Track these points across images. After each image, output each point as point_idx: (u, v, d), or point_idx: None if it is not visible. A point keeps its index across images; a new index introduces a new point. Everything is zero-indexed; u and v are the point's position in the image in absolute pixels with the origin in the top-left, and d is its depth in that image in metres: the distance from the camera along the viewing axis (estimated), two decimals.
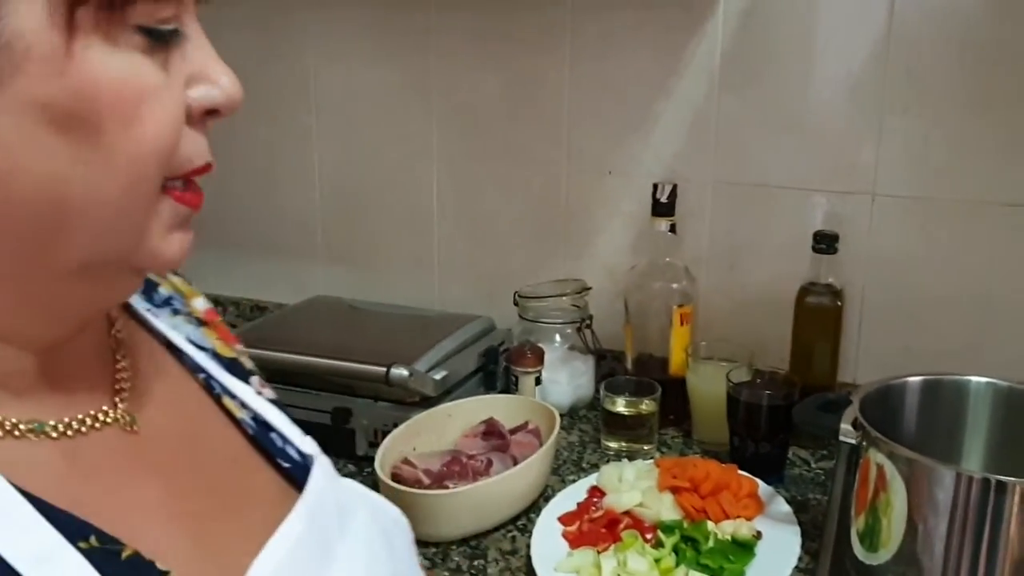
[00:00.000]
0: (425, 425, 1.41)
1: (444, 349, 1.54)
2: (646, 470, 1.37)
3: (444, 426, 1.44)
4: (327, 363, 1.43)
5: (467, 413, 1.46)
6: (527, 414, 1.46)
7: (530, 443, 1.41)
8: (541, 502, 1.36)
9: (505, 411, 1.46)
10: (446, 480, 1.29)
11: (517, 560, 1.24)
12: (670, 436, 1.57)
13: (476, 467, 1.32)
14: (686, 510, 1.29)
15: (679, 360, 1.57)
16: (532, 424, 1.44)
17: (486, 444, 1.41)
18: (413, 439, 1.39)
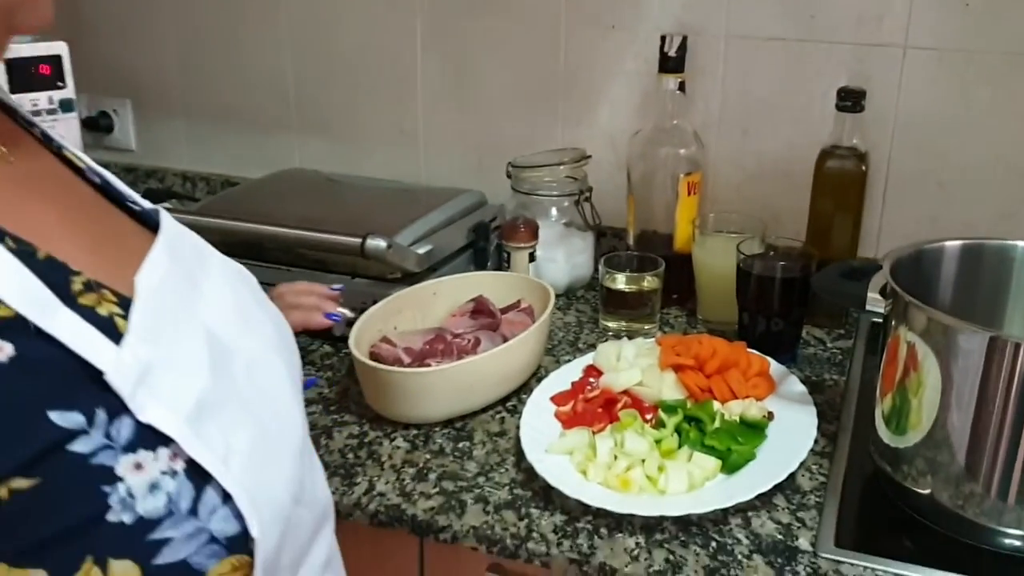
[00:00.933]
0: (407, 302, 1.29)
1: (429, 223, 1.41)
2: (647, 348, 1.26)
3: (428, 304, 1.32)
4: (296, 234, 1.30)
5: (454, 291, 1.33)
6: (519, 292, 1.34)
7: (522, 322, 1.29)
8: (533, 383, 1.25)
9: (496, 289, 1.34)
10: (428, 359, 1.18)
11: (505, 442, 1.13)
12: (673, 315, 1.45)
13: (462, 346, 1.20)
14: (690, 389, 1.18)
15: (685, 234, 1.44)
16: (525, 303, 1.32)
17: (474, 323, 1.29)
18: (393, 317, 1.27)
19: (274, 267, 1.37)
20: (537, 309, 1.31)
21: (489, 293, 1.33)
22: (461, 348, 1.20)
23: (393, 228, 1.35)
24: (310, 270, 1.37)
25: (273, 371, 0.67)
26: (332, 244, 1.27)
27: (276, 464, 0.61)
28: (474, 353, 1.20)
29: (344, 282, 1.35)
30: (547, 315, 1.23)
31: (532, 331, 1.20)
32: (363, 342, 1.21)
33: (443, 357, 1.18)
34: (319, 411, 1.20)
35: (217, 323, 0.63)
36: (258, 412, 0.61)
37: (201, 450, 0.54)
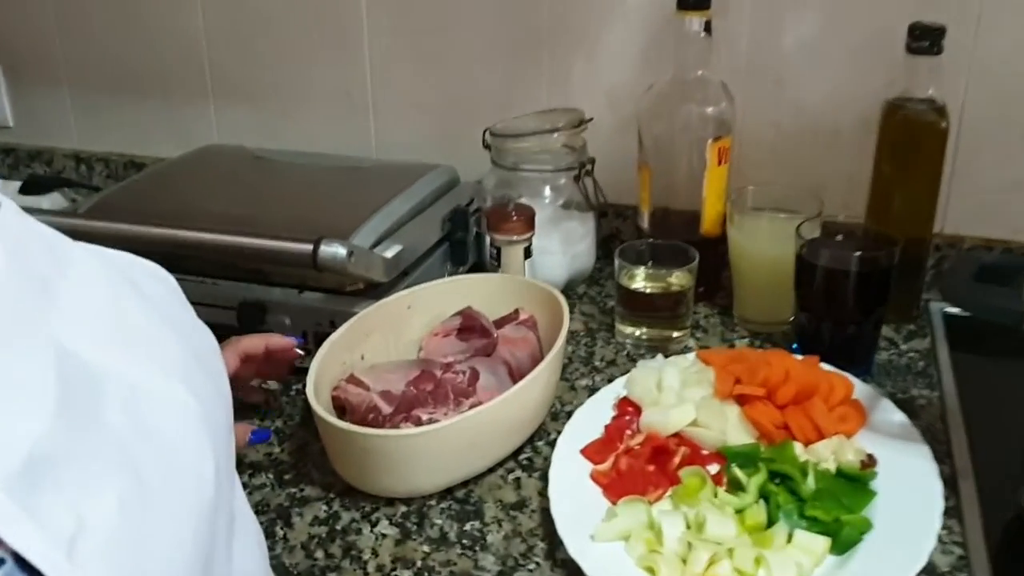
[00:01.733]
0: (376, 322, 0.99)
1: (393, 214, 1.10)
2: (694, 371, 0.97)
3: (402, 322, 1.01)
4: (224, 240, 0.97)
5: (433, 302, 1.03)
6: (516, 298, 1.04)
7: (525, 340, 1.00)
8: (548, 422, 0.96)
9: (485, 297, 1.04)
10: (416, 408, 0.87)
11: (528, 518, 0.84)
12: (702, 315, 1.17)
13: (456, 383, 0.90)
14: (762, 428, 0.90)
15: (714, 213, 1.15)
16: (525, 313, 1.03)
17: (464, 346, 0.99)
18: (360, 344, 0.97)
19: (194, 279, 1.05)
20: (541, 319, 1.01)
21: (478, 303, 1.03)
22: (457, 388, 0.90)
23: (348, 224, 1.04)
24: (245, 282, 1.05)
25: (171, 405, 0.49)
26: (273, 253, 0.95)
27: (163, 538, 0.44)
28: (475, 393, 0.90)
29: (288, 297, 1.03)
30: (562, 340, 0.93)
31: (548, 362, 0.90)
32: (323, 383, 0.90)
33: (436, 404, 0.88)
34: (268, 483, 0.89)
35: (78, 340, 0.47)
36: (138, 463, 0.45)
37: (28, 535, 0.38)
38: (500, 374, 0.94)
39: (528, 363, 0.98)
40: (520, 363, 0.98)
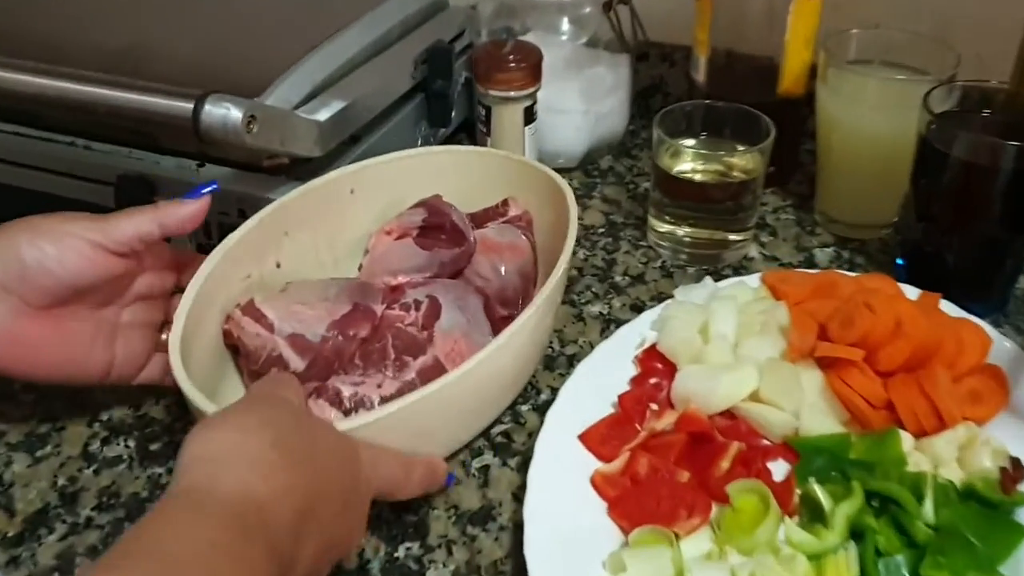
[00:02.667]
0: (301, 215, 0.68)
1: (340, 52, 0.77)
2: (758, 310, 0.66)
3: (340, 214, 0.71)
4: (72, 91, 0.65)
5: (388, 186, 0.72)
6: (507, 184, 0.73)
7: (513, 248, 0.70)
8: (539, 372, 0.67)
9: (462, 181, 0.73)
10: (337, 374, 0.58)
11: (495, 541, 0.56)
12: (770, 207, 0.85)
13: (402, 329, 0.61)
14: (854, 409, 0.60)
15: (799, 65, 0.82)
16: (516, 207, 0.72)
17: (425, 257, 0.68)
18: (274, 247, 0.67)
19: (58, 139, 0.75)
20: (540, 216, 0.71)
21: (452, 188, 0.72)
22: (403, 339, 0.60)
23: (269, 69, 0.72)
24: (123, 147, 0.74)
25: None
26: (140, 113, 0.64)
27: None
28: (428, 345, 0.60)
29: (184, 171, 0.73)
30: (565, 260, 0.61)
31: (545, 299, 0.59)
32: (211, 312, 0.61)
33: (368, 366, 0.59)
34: (126, 456, 0.62)
35: None
36: None
37: None
38: (472, 308, 0.65)
39: (516, 284, 0.68)
40: (504, 286, 0.68)
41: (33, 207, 0.78)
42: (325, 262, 0.70)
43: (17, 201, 0.78)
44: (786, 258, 0.78)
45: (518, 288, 0.69)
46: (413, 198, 0.72)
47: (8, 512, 0.58)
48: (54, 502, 0.59)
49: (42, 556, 0.56)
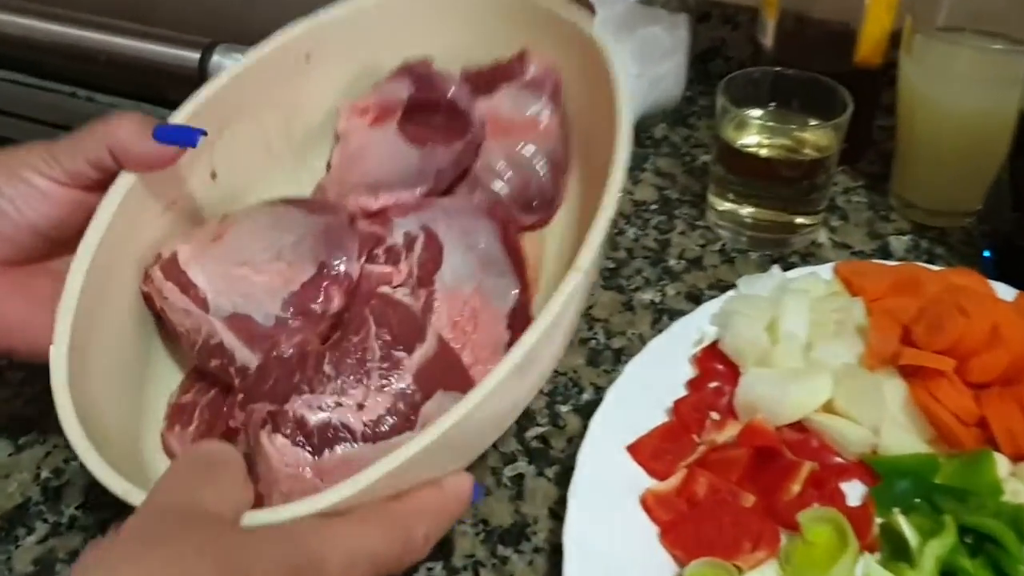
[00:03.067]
0: (238, 101, 0.53)
1: None
2: (833, 307, 0.59)
3: (294, 90, 0.55)
4: (80, 35, 0.59)
5: (353, 45, 0.56)
6: (515, 31, 0.55)
7: (538, 126, 0.54)
8: (582, 368, 0.60)
9: (457, 33, 0.57)
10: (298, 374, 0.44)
11: (528, 565, 0.49)
12: (840, 188, 0.77)
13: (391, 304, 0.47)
14: (942, 425, 0.52)
15: (878, 32, 0.73)
16: (538, 63, 0.55)
17: (417, 160, 0.53)
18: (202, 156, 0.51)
19: (59, 89, 0.68)
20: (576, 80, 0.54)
21: (441, 46, 0.57)
22: (396, 319, 0.45)
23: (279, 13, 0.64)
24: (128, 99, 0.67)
25: None
26: (145, 60, 0.57)
27: None
28: (430, 311, 0.48)
29: None
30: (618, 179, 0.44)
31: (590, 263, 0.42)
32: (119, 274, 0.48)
33: (346, 369, 0.43)
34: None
35: None
36: None
37: None
38: (485, 240, 0.50)
39: (542, 178, 0.54)
40: (525, 182, 0.53)
41: None
42: (280, 153, 0.56)
43: None
44: (858, 246, 0.70)
45: (545, 184, 0.53)
46: (391, 61, 0.56)
47: None
48: (36, 497, 0.53)
49: (18, 561, 0.49)
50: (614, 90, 0.47)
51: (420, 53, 0.56)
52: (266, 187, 0.54)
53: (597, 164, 0.47)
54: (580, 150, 0.54)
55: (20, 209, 0.46)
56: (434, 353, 0.44)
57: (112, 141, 0.46)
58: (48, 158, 0.46)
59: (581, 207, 0.52)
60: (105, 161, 0.46)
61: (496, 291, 0.48)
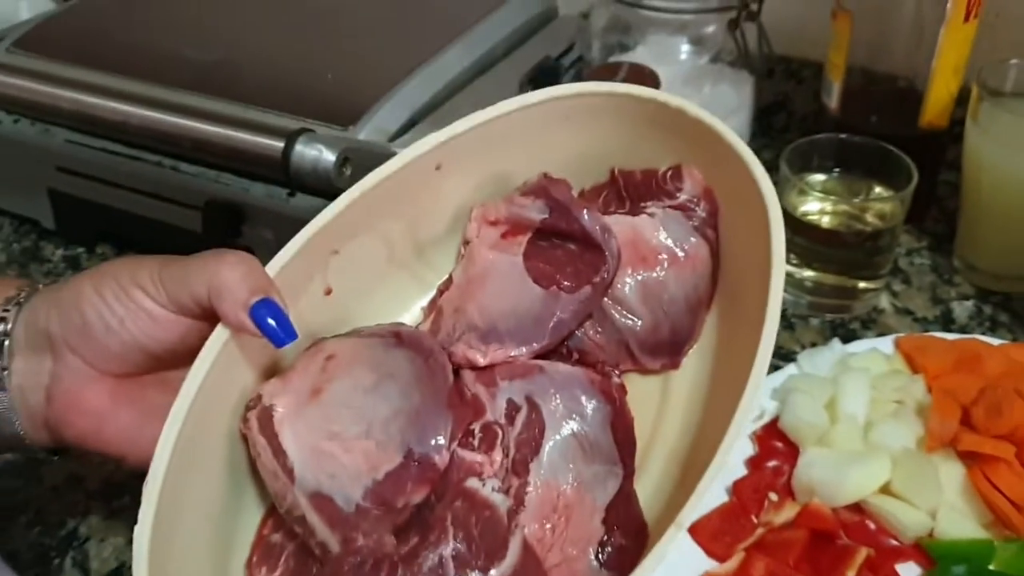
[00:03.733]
0: (360, 220, 0.51)
1: (441, 74, 0.71)
2: (893, 386, 0.60)
3: (422, 199, 0.53)
4: (151, 120, 0.63)
5: (485, 152, 0.53)
6: (660, 147, 0.52)
7: (686, 259, 0.51)
8: None
9: (593, 143, 0.54)
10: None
11: None
12: (903, 249, 0.77)
13: (476, 506, 0.45)
14: (999, 510, 0.53)
15: (946, 95, 0.74)
16: (693, 182, 0.52)
17: (539, 306, 0.50)
18: (314, 278, 0.51)
19: (146, 159, 0.71)
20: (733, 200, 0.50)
21: (575, 157, 0.54)
22: (477, 528, 0.44)
23: (366, 94, 0.67)
24: (212, 170, 0.70)
25: None
26: (226, 149, 0.60)
27: None
28: (519, 508, 0.45)
29: (274, 200, 0.69)
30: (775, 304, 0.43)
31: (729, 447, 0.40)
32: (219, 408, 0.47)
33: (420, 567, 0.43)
34: None
35: None
36: None
37: None
38: (594, 424, 0.47)
39: (678, 321, 0.50)
40: (657, 325, 0.50)
41: (119, 226, 0.76)
42: (404, 260, 0.54)
43: (103, 220, 0.76)
44: (920, 311, 0.71)
45: (681, 326, 0.50)
46: (524, 168, 0.53)
47: (83, 571, 0.56)
48: (130, 562, 0.56)
49: None
50: (770, 228, 0.44)
51: (556, 161, 0.53)
52: (387, 294, 0.54)
53: (740, 305, 0.46)
54: (722, 284, 0.51)
55: (129, 329, 0.46)
56: (515, 568, 0.43)
57: (214, 288, 0.44)
58: (157, 282, 0.46)
59: (714, 349, 0.49)
60: (206, 302, 0.45)
61: (596, 481, 0.46)
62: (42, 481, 0.61)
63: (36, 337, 0.47)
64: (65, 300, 0.47)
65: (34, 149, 0.75)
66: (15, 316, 0.48)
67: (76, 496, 0.60)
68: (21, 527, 0.58)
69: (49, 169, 0.75)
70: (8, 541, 0.54)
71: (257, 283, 0.45)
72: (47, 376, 0.47)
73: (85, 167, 0.73)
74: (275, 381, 0.48)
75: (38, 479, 0.61)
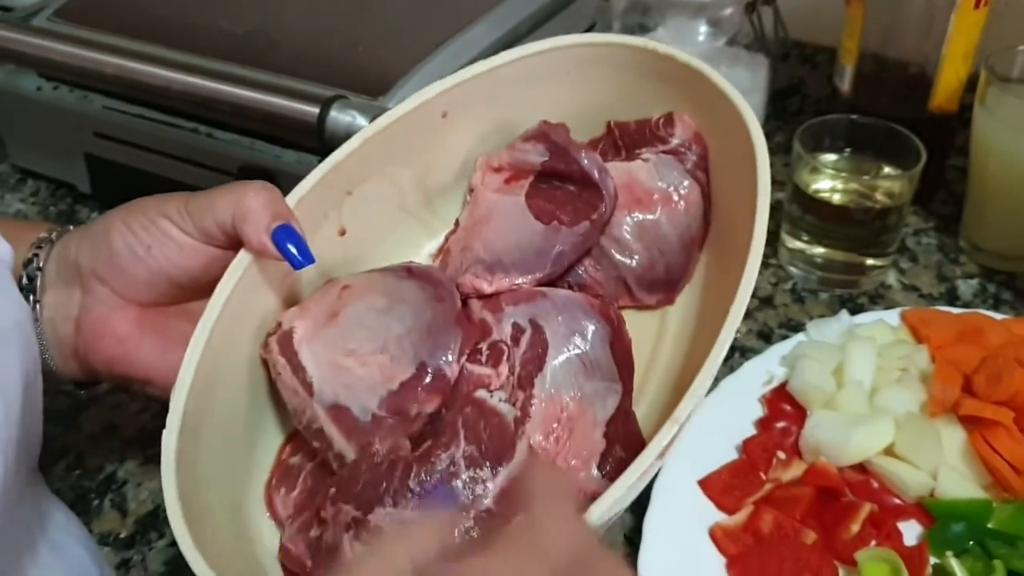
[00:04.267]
0: (371, 162, 0.54)
1: (466, 50, 0.74)
2: (898, 354, 0.62)
3: (430, 147, 0.55)
4: (194, 86, 0.65)
5: (491, 101, 0.56)
6: (652, 92, 0.55)
7: (679, 200, 0.53)
8: None
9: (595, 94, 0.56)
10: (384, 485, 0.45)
11: None
12: (911, 229, 0.80)
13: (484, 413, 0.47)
14: (997, 472, 0.56)
15: (955, 80, 0.76)
16: (684, 128, 0.54)
17: (540, 239, 0.52)
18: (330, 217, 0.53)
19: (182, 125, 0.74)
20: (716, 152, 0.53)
21: (577, 106, 0.56)
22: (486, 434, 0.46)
23: (395, 67, 0.69)
24: (246, 137, 0.73)
25: None
26: (263, 114, 0.63)
27: None
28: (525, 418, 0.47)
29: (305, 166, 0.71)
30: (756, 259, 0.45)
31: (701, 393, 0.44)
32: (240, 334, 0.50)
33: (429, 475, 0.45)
34: None
35: None
36: None
37: None
38: (595, 344, 0.49)
39: (672, 259, 0.53)
40: (652, 262, 0.53)
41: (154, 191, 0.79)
42: (414, 208, 0.56)
43: (138, 184, 0.78)
44: (926, 288, 0.74)
45: (675, 264, 0.52)
46: (527, 117, 0.55)
47: (121, 512, 0.59)
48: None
49: (152, 561, 0.56)
50: (757, 167, 0.47)
51: (557, 110, 0.55)
52: (397, 238, 0.56)
53: (729, 243, 0.49)
54: (714, 226, 0.53)
55: (156, 257, 0.48)
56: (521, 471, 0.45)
57: (238, 213, 0.47)
58: (183, 211, 0.48)
59: (706, 286, 0.52)
60: (230, 228, 0.47)
61: (596, 396, 0.48)
62: (81, 429, 0.64)
63: (66, 271, 0.49)
64: (95, 233, 0.49)
65: (72, 115, 0.77)
66: (47, 253, 0.50)
67: (113, 443, 0.63)
68: (61, 470, 0.61)
69: (86, 134, 0.77)
70: (50, 483, 0.56)
71: (278, 209, 0.47)
72: (76, 307, 0.49)
73: (122, 133, 0.76)
74: (294, 309, 0.51)
75: (77, 427, 0.64)
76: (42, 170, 0.84)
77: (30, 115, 0.81)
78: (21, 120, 0.83)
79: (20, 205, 0.82)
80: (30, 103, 0.79)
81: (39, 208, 0.82)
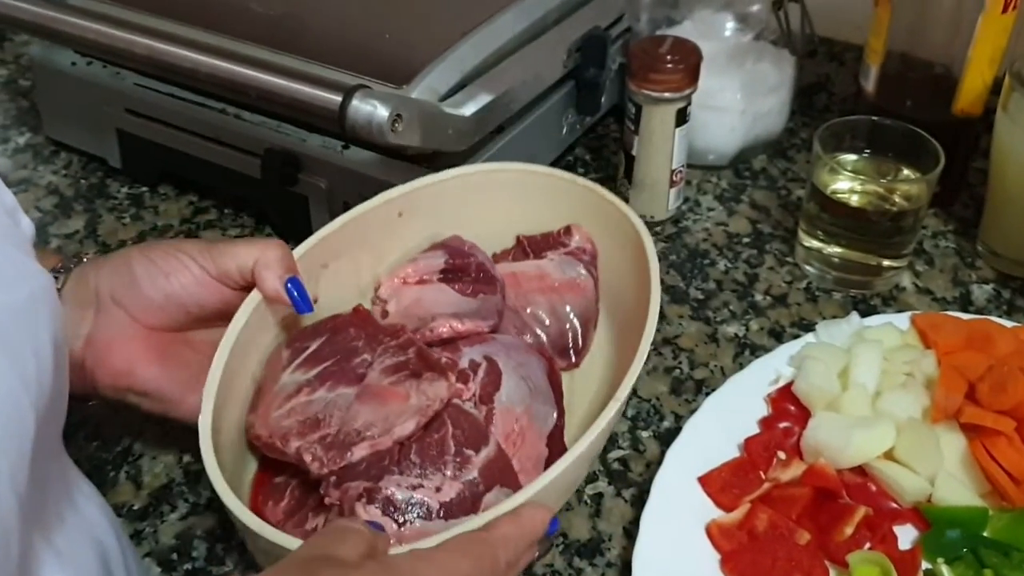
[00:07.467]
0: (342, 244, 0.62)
1: (492, 40, 0.74)
2: (904, 360, 0.63)
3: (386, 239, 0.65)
4: (219, 69, 0.66)
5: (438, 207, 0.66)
6: (573, 212, 0.67)
7: (575, 287, 0.65)
8: (664, 396, 0.65)
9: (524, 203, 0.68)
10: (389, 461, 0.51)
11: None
12: (929, 231, 0.80)
13: (464, 414, 0.54)
14: (996, 481, 0.56)
15: (979, 84, 0.76)
16: (579, 236, 0.67)
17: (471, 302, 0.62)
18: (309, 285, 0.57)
19: (211, 106, 0.75)
20: (610, 257, 0.66)
21: (509, 212, 0.68)
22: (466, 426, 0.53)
23: (419, 56, 0.70)
24: (272, 119, 0.74)
25: None
26: (286, 100, 0.64)
27: None
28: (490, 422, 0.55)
29: (329, 152, 0.72)
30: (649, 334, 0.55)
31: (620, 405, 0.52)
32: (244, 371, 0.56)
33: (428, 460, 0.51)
34: None
35: None
36: None
37: None
38: (535, 374, 0.58)
39: (575, 330, 0.65)
40: (561, 332, 0.64)
41: (181, 168, 0.81)
42: (365, 289, 0.65)
43: (167, 161, 0.80)
44: (940, 292, 0.74)
45: (577, 335, 0.64)
46: (466, 221, 0.66)
47: (136, 484, 0.61)
48: (179, 478, 0.61)
49: (163, 534, 0.58)
50: (648, 260, 0.59)
51: (489, 220, 0.67)
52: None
53: (625, 321, 0.61)
54: (610, 309, 0.66)
55: (172, 284, 0.54)
56: (494, 455, 0.53)
57: (262, 261, 0.54)
58: (205, 252, 0.55)
59: (606, 357, 0.64)
60: (248, 273, 0.55)
61: (540, 415, 0.57)
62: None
63: (84, 294, 0.55)
64: (115, 262, 0.56)
65: (105, 91, 0.79)
66: (64, 279, 0.56)
67: (131, 417, 0.64)
68: (80, 440, 0.63)
69: (118, 110, 0.79)
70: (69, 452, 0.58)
71: (290, 264, 0.56)
72: (88, 325, 0.55)
73: (152, 110, 0.78)
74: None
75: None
76: (75, 143, 0.86)
77: (65, 89, 0.82)
78: (56, 94, 0.84)
79: (52, 177, 0.84)
80: (65, 77, 0.81)
81: (71, 181, 0.84)
